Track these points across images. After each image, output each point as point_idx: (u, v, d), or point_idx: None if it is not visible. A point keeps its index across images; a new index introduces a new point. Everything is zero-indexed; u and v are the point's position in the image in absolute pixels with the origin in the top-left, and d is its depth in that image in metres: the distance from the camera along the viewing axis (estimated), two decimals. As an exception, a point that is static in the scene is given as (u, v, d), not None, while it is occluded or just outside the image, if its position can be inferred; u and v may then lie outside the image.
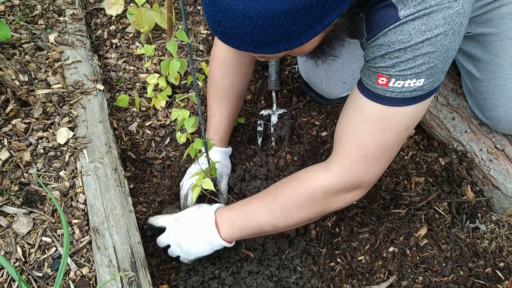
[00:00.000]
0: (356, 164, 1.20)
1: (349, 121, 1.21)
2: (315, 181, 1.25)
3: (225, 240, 1.33)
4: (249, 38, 0.89)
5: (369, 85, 1.11)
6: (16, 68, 1.74)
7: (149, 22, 2.20)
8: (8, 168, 1.49)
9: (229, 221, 1.33)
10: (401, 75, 1.03)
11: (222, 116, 1.65)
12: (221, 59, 1.60)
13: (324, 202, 1.26)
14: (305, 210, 1.27)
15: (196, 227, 1.36)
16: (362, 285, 1.44)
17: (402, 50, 1.00)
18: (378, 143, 1.16)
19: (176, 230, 1.40)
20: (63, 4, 2.22)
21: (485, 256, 1.51)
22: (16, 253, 1.31)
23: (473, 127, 1.71)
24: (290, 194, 1.27)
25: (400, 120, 1.13)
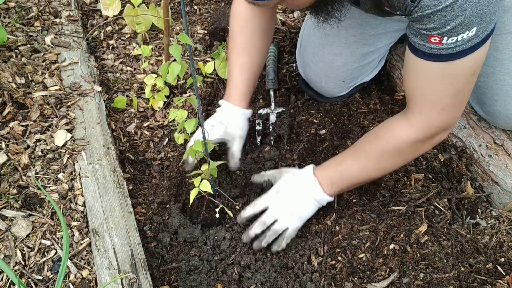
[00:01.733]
0: (435, 117, 1.25)
1: (415, 83, 1.23)
2: (401, 138, 1.31)
3: (330, 196, 1.44)
4: None
5: (423, 46, 1.10)
6: (13, 71, 1.73)
7: (146, 22, 2.19)
8: (6, 171, 1.48)
9: (329, 180, 1.43)
10: (453, 32, 1.03)
11: (243, 69, 1.61)
12: (240, 13, 1.59)
13: (413, 152, 1.36)
14: (396, 161, 1.38)
15: (303, 193, 1.44)
16: (363, 282, 1.44)
17: (449, 7, 0.99)
18: (450, 94, 1.20)
19: (282, 201, 1.45)
20: (59, 5, 2.22)
21: (486, 252, 1.51)
22: (15, 256, 1.31)
23: (472, 122, 1.70)
24: (380, 151, 1.36)
25: (464, 70, 1.14)
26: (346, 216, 1.57)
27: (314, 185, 1.43)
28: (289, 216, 1.43)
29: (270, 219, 1.43)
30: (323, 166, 1.46)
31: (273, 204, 1.45)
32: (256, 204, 1.47)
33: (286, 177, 1.49)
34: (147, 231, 1.55)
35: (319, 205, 1.46)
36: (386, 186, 1.62)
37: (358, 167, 1.40)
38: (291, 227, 1.44)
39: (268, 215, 1.44)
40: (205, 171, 1.37)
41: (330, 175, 1.43)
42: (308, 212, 1.46)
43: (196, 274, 1.44)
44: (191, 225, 1.55)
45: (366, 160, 1.39)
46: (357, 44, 1.71)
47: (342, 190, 1.47)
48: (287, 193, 1.45)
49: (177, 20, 2.40)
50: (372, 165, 1.39)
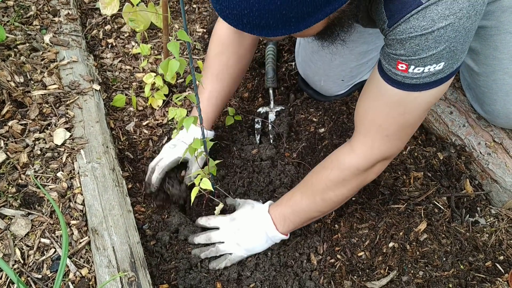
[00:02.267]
0: (378, 143, 1.24)
1: (370, 103, 1.22)
2: (344, 165, 1.31)
3: (282, 234, 1.43)
4: (245, 19, 0.87)
5: (389, 70, 1.09)
6: (12, 69, 1.73)
7: (145, 21, 2.19)
8: (5, 170, 1.48)
9: (281, 216, 1.42)
10: (421, 62, 1.01)
11: (211, 94, 1.60)
12: (220, 37, 1.56)
13: (356, 181, 1.33)
14: (341, 192, 1.35)
15: (255, 226, 1.44)
16: (362, 281, 1.44)
17: (423, 37, 0.97)
18: (399, 124, 1.19)
19: (234, 229, 1.47)
20: (57, 4, 2.21)
21: (485, 250, 1.51)
22: (14, 255, 1.31)
23: (471, 121, 1.70)
24: (324, 182, 1.34)
25: (421, 104, 1.13)
26: (345, 214, 1.57)
27: (267, 222, 1.43)
28: (236, 244, 1.45)
29: (216, 239, 1.48)
30: (277, 203, 1.46)
31: (224, 227, 1.49)
32: (210, 221, 1.52)
33: (245, 208, 1.50)
34: (147, 230, 1.55)
35: (271, 241, 1.46)
36: (385, 185, 1.62)
37: (306, 201, 1.38)
38: (236, 254, 1.46)
39: (216, 234, 1.48)
40: (205, 169, 1.37)
41: (282, 211, 1.42)
42: (257, 246, 1.46)
43: (196, 273, 1.44)
44: (191, 224, 1.56)
45: (313, 193, 1.37)
46: (355, 42, 1.71)
47: (295, 226, 1.44)
48: (240, 223, 1.47)
49: (176, 19, 2.40)
50: (319, 198, 1.36)
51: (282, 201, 1.45)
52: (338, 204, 1.41)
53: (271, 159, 1.76)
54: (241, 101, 2.02)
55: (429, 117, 1.80)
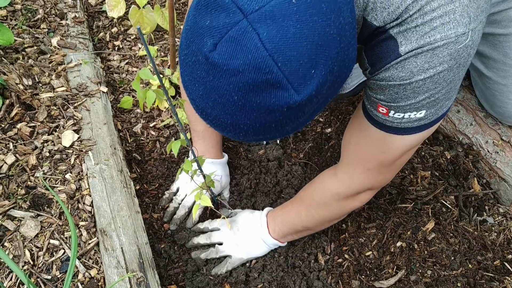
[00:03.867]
0: (359, 175, 1.24)
1: (353, 136, 1.22)
2: (326, 187, 1.33)
3: (276, 240, 1.46)
4: (242, 137, 0.84)
5: (371, 111, 1.08)
6: (20, 72, 1.74)
7: (151, 23, 2.20)
8: (15, 172, 1.49)
9: (273, 223, 1.46)
10: (401, 108, 1.00)
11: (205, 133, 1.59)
12: None
13: (336, 206, 1.34)
14: (322, 213, 1.36)
15: (252, 228, 1.48)
16: (370, 280, 1.44)
17: (402, 87, 0.95)
18: (380, 160, 1.18)
19: (233, 229, 1.50)
20: (65, 7, 2.23)
21: (494, 249, 1.50)
22: (24, 256, 1.32)
23: (478, 119, 1.70)
24: (309, 199, 1.38)
25: (402, 146, 1.12)
26: (352, 214, 1.57)
27: (262, 226, 1.46)
28: (235, 245, 1.48)
29: (216, 239, 1.50)
30: (275, 209, 1.50)
31: (224, 228, 1.51)
32: (212, 222, 1.55)
33: (246, 212, 1.55)
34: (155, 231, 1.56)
35: (266, 246, 1.48)
36: (392, 184, 1.62)
37: (293, 213, 1.42)
38: (235, 256, 1.47)
39: (216, 234, 1.51)
40: (202, 185, 1.38)
41: (274, 218, 1.46)
42: (256, 250, 1.48)
43: (203, 275, 1.44)
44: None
45: (300, 207, 1.40)
46: None
47: (284, 234, 1.45)
48: (239, 224, 1.51)
49: (182, 20, 2.41)
50: (304, 213, 1.39)
51: (277, 208, 1.50)
52: (321, 224, 1.42)
53: (278, 160, 1.76)
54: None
55: (436, 116, 1.79)
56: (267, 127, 0.77)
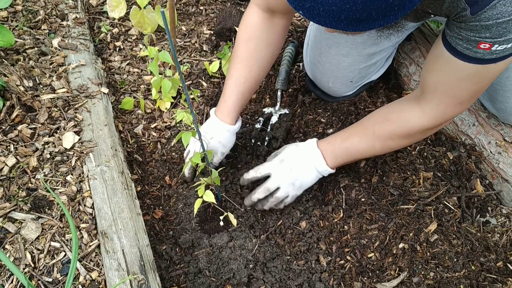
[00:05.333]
0: (451, 109, 1.31)
1: (440, 78, 1.25)
2: (413, 124, 1.38)
3: (331, 168, 1.51)
4: (344, 15, 0.81)
5: (468, 50, 1.11)
6: (21, 74, 1.74)
7: (152, 23, 2.19)
8: (15, 174, 1.49)
9: (333, 154, 1.50)
10: (506, 41, 1.04)
11: (239, 80, 1.56)
12: (249, 23, 1.53)
13: (421, 136, 1.46)
14: (403, 143, 1.47)
15: (306, 163, 1.51)
16: (372, 282, 1.43)
17: (511, 22, 0.99)
18: (471, 92, 1.25)
19: (286, 170, 1.50)
20: (65, 8, 2.22)
21: (496, 250, 1.50)
22: (25, 258, 1.32)
23: (481, 120, 1.69)
24: (389, 134, 1.43)
25: (494, 73, 1.18)
26: (354, 215, 1.57)
27: (318, 157, 1.50)
28: (291, 185, 1.49)
29: (274, 186, 1.50)
30: (328, 140, 1.53)
31: (276, 172, 1.51)
32: (260, 170, 1.53)
33: (290, 148, 1.55)
34: (156, 233, 1.56)
35: (320, 175, 1.53)
36: (394, 185, 1.61)
37: (365, 145, 1.47)
38: (291, 194, 1.51)
39: (272, 182, 1.50)
40: (208, 180, 1.37)
41: (335, 150, 1.50)
42: (309, 181, 1.53)
43: (205, 277, 1.44)
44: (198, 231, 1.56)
45: (374, 140, 1.45)
46: (364, 44, 1.70)
47: (344, 163, 1.55)
48: (290, 162, 1.51)
49: (183, 21, 2.40)
50: (379, 145, 1.45)
51: (335, 139, 1.52)
52: (394, 150, 1.55)
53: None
54: (248, 102, 2.02)
55: (438, 117, 1.79)
56: None
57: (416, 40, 1.94)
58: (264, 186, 1.51)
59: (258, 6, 1.50)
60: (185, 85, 1.10)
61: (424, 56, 1.88)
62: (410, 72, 1.93)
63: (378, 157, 1.68)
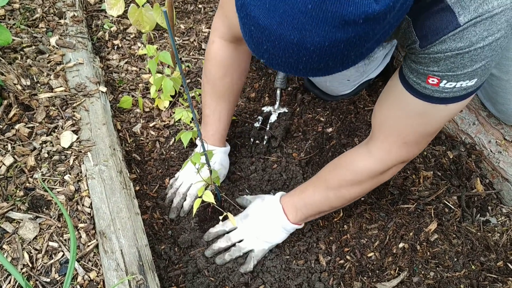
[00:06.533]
0: (396, 150, 1.24)
1: (389, 112, 1.21)
2: (360, 167, 1.32)
3: (295, 224, 1.46)
4: (301, 66, 0.82)
5: (417, 84, 1.06)
6: (18, 73, 1.73)
7: (150, 22, 2.18)
8: (13, 173, 1.48)
9: (293, 207, 1.45)
10: (455, 78, 0.99)
11: (221, 115, 1.62)
12: (220, 59, 1.55)
13: (371, 182, 1.35)
14: (355, 191, 1.37)
15: (269, 218, 1.47)
16: (372, 282, 1.43)
17: (460, 56, 0.94)
18: (419, 133, 1.19)
19: (249, 224, 1.49)
20: (63, 6, 2.21)
21: (497, 250, 1.49)
22: (23, 259, 1.31)
23: (481, 119, 1.68)
24: (339, 181, 1.37)
25: (445, 115, 1.12)
26: (354, 215, 1.56)
27: (279, 212, 1.46)
28: (255, 238, 1.47)
29: (236, 238, 1.49)
30: (289, 194, 1.49)
31: (240, 226, 1.51)
32: (226, 224, 1.52)
33: (256, 202, 1.53)
34: (155, 232, 1.55)
35: (286, 231, 1.48)
36: (394, 184, 1.61)
37: (319, 196, 1.41)
38: (257, 248, 1.47)
39: (235, 234, 1.50)
40: (208, 180, 1.37)
41: (294, 203, 1.45)
42: (275, 237, 1.48)
43: (204, 277, 1.43)
44: (197, 230, 1.55)
45: (327, 190, 1.39)
46: None
47: (306, 217, 1.47)
48: (254, 217, 1.50)
49: (181, 19, 2.39)
50: (333, 195, 1.39)
51: (294, 192, 1.48)
52: (350, 201, 1.43)
53: (278, 159, 1.75)
54: (247, 101, 2.01)
55: (438, 116, 1.78)
56: (334, 48, 0.76)
57: (416, 38, 1.93)
58: (226, 236, 1.51)
59: (222, 38, 1.49)
60: (186, 84, 1.09)
61: (424, 54, 1.87)
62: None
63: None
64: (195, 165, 1.29)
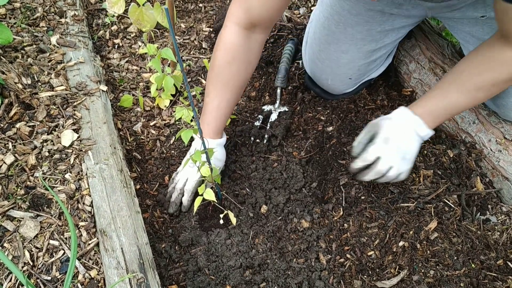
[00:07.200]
0: None
1: None
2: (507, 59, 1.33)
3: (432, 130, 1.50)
4: None
5: None
6: (19, 71, 1.73)
7: (151, 21, 2.18)
8: (14, 172, 1.48)
9: (432, 116, 1.48)
10: None
11: (221, 104, 1.57)
12: (229, 44, 1.51)
13: None
14: (507, 85, 1.41)
15: (409, 134, 1.48)
16: (372, 280, 1.43)
17: None
18: None
19: (394, 148, 1.46)
20: (64, 5, 2.21)
21: (497, 248, 1.49)
22: (24, 257, 1.31)
23: (481, 117, 1.68)
24: (492, 82, 1.38)
25: None
26: (354, 213, 1.56)
27: (419, 124, 1.47)
28: (402, 160, 1.46)
29: (385, 168, 1.46)
30: (422, 104, 1.49)
31: (384, 153, 1.47)
32: (368, 155, 1.49)
33: (388, 125, 1.50)
34: (156, 231, 1.55)
35: (422, 141, 1.51)
36: (394, 183, 1.61)
37: (466, 99, 1.44)
38: (405, 170, 1.48)
39: (383, 164, 1.46)
40: (208, 178, 1.37)
41: (433, 112, 1.47)
42: (415, 151, 1.50)
43: (204, 275, 1.43)
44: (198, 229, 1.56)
45: (477, 92, 1.42)
46: (363, 41, 1.69)
47: (442, 122, 1.53)
48: (395, 139, 1.47)
49: (182, 18, 2.40)
50: (483, 94, 1.42)
51: (429, 102, 1.49)
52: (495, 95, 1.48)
53: (279, 158, 1.75)
54: (248, 100, 2.01)
55: (439, 114, 1.78)
56: None
57: (416, 37, 1.94)
58: (375, 170, 1.47)
59: (237, 23, 1.47)
60: (187, 82, 1.09)
61: (424, 54, 1.88)
62: (410, 69, 1.92)
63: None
64: (196, 163, 1.30)
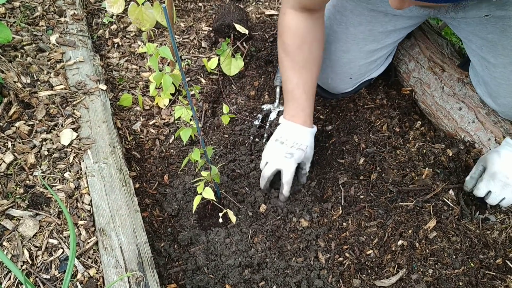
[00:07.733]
0: None
1: None
2: None
3: None
4: None
5: None
6: (18, 70, 1.73)
7: (150, 20, 2.18)
8: (13, 170, 1.48)
9: None
10: None
11: (306, 87, 1.58)
12: (294, 30, 1.53)
13: None
14: None
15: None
16: (371, 279, 1.43)
17: None
18: None
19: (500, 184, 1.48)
20: (63, 4, 2.21)
21: (495, 247, 1.49)
22: (23, 255, 1.31)
23: (480, 116, 1.68)
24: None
25: None
26: (353, 212, 1.56)
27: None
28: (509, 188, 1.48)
29: (496, 201, 1.50)
30: None
31: (494, 188, 1.49)
32: (477, 192, 1.52)
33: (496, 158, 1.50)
34: (155, 230, 1.55)
35: None
36: (393, 182, 1.61)
37: None
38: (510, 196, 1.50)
39: (493, 198, 1.50)
40: (207, 177, 1.37)
41: None
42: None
43: (203, 274, 1.43)
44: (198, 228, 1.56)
45: None
46: (365, 41, 1.69)
47: None
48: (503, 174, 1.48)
49: (181, 17, 2.40)
50: None
51: None
52: None
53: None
54: (247, 99, 2.01)
55: (438, 113, 1.78)
56: None
57: (416, 36, 1.93)
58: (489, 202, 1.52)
59: (294, 8, 1.50)
60: (186, 81, 1.09)
61: (424, 53, 1.88)
62: (409, 68, 1.92)
63: (377, 154, 1.67)
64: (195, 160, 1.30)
